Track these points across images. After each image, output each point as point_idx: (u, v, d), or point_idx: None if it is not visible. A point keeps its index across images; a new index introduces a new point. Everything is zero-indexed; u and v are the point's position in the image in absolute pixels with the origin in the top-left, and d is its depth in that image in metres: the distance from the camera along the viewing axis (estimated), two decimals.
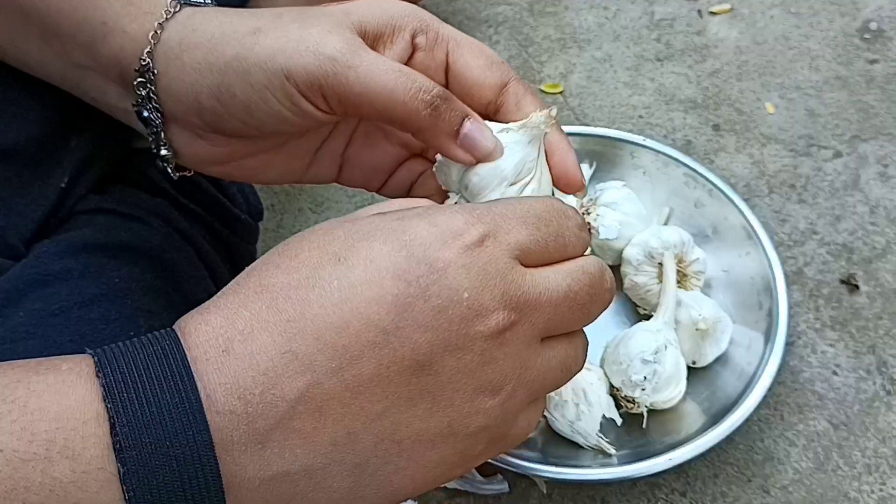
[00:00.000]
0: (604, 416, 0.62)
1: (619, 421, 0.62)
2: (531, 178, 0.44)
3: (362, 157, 0.52)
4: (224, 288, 0.37)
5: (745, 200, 0.71)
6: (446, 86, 0.47)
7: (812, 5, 0.91)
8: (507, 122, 0.45)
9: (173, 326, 0.35)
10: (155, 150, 0.49)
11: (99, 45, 0.47)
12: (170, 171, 0.50)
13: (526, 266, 0.38)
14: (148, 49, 0.46)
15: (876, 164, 0.79)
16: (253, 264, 0.38)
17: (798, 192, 0.77)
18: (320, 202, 0.80)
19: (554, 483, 0.63)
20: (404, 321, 0.34)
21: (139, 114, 0.48)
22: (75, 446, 0.31)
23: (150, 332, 0.54)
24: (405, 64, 0.47)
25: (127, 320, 0.54)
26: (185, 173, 0.52)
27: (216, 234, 0.66)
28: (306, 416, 0.34)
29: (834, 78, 0.85)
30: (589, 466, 0.60)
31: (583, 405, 0.61)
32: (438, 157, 0.47)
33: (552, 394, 0.61)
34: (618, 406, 0.63)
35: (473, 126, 0.44)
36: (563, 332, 0.40)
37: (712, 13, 0.91)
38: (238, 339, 0.34)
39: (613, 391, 0.63)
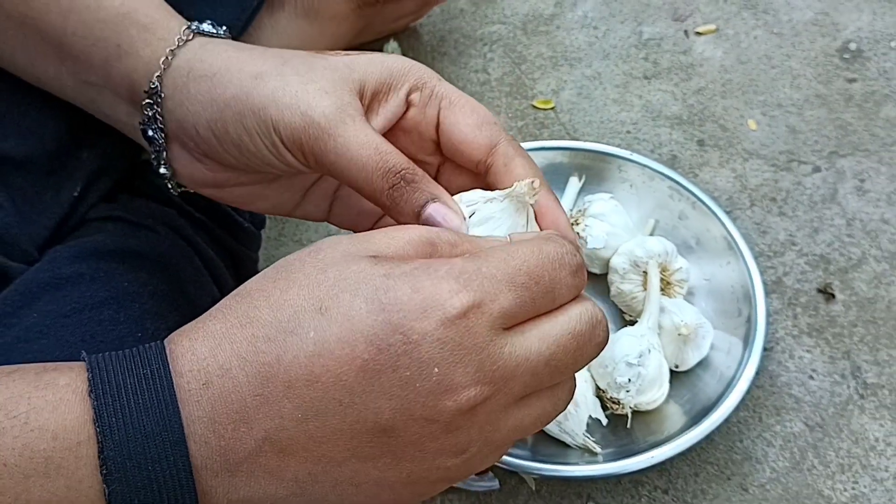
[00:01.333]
0: (590, 417, 0.65)
1: (604, 421, 0.65)
2: None
3: (352, 199, 0.54)
4: (217, 306, 0.39)
5: (728, 213, 0.74)
6: (437, 143, 0.48)
7: (794, 26, 0.94)
8: (497, 186, 0.46)
9: (165, 343, 0.37)
10: (156, 167, 0.52)
11: (112, 66, 0.50)
12: (170, 186, 0.53)
13: (511, 327, 0.38)
14: (158, 73, 0.49)
15: (853, 178, 0.82)
16: (248, 285, 0.39)
17: (778, 205, 0.81)
18: None
19: (543, 479, 0.66)
20: (371, 387, 0.35)
21: (144, 132, 0.50)
22: (69, 465, 0.34)
23: (157, 334, 0.57)
24: (399, 120, 0.48)
25: (135, 322, 0.56)
26: (185, 190, 0.55)
27: (220, 241, 0.69)
28: (271, 454, 0.36)
29: (814, 96, 0.88)
30: (576, 464, 0.63)
31: (570, 406, 0.64)
32: None
33: None
34: (604, 407, 0.66)
35: (435, 209, 0.43)
36: (543, 389, 0.40)
37: (698, 33, 0.95)
38: (217, 375, 0.36)
39: (599, 393, 0.66)
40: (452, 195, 0.45)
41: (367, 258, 0.38)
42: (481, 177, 0.47)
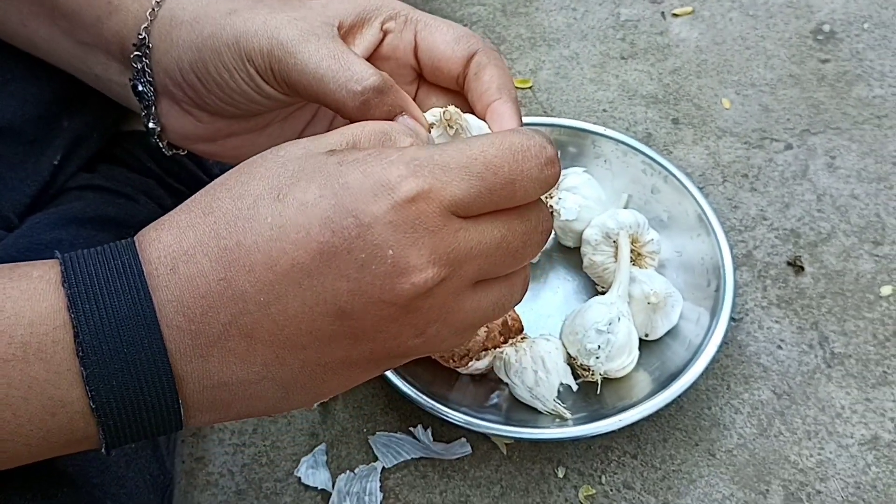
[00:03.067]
0: (561, 383, 0.66)
1: (575, 388, 0.67)
2: None
3: None
4: (185, 202, 0.40)
5: (700, 188, 0.75)
6: (417, 65, 0.49)
7: (769, 8, 0.96)
8: (469, 97, 0.46)
9: (135, 238, 0.39)
10: (146, 124, 0.53)
11: (104, 23, 0.51)
12: (161, 146, 0.54)
13: (465, 217, 0.38)
14: (145, 25, 0.50)
15: (824, 155, 0.84)
16: (213, 182, 0.40)
17: (750, 181, 0.82)
18: None
19: (514, 443, 0.67)
20: (328, 269, 0.36)
21: (134, 88, 0.51)
22: (47, 350, 0.36)
23: None
24: (375, 49, 0.49)
25: None
26: (177, 151, 0.56)
27: None
28: (238, 338, 0.37)
29: (787, 76, 0.90)
30: (546, 427, 0.64)
31: (541, 372, 0.66)
32: None
33: (512, 360, 0.65)
34: (575, 375, 0.67)
35: (406, 122, 0.44)
36: (497, 276, 0.41)
37: (675, 15, 0.96)
38: (182, 260, 0.37)
39: (570, 360, 0.67)
40: None
41: (326, 153, 0.39)
42: (460, 95, 0.48)
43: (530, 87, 0.91)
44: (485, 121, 0.46)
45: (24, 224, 0.60)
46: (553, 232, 0.75)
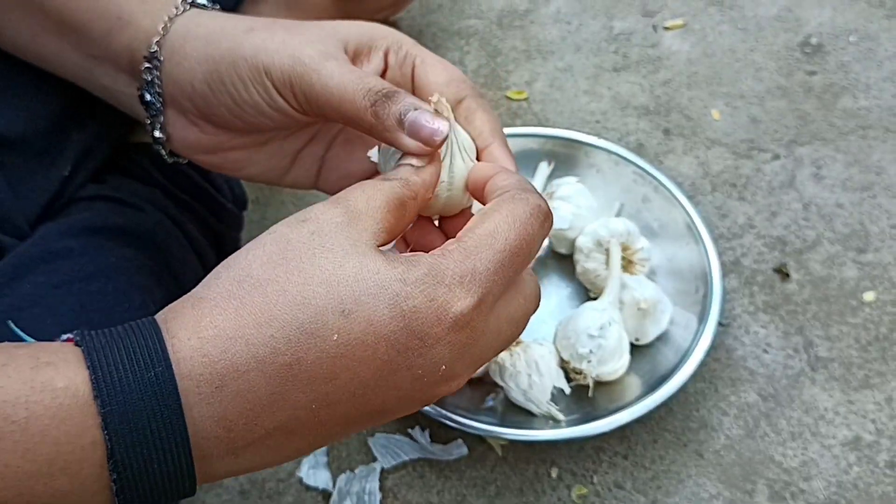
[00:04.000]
0: (554, 387, 0.68)
1: (567, 391, 0.69)
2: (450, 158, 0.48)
3: (340, 163, 0.57)
4: (220, 291, 0.38)
5: (690, 197, 0.78)
6: None
7: (758, 21, 0.98)
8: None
9: (165, 335, 0.37)
10: (151, 132, 0.55)
11: (114, 37, 0.54)
12: (164, 153, 0.56)
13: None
14: (157, 39, 0.52)
15: (811, 165, 0.86)
16: (252, 269, 0.39)
17: (739, 190, 0.85)
18: (301, 196, 0.86)
19: (509, 445, 0.69)
20: (385, 382, 0.39)
21: (142, 97, 0.54)
22: (73, 466, 0.35)
23: (143, 306, 0.60)
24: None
25: (122, 294, 0.60)
26: (178, 160, 0.58)
27: (204, 220, 0.72)
28: (279, 436, 0.39)
29: (775, 88, 0.92)
30: (540, 429, 0.66)
31: (535, 376, 0.68)
32: (381, 145, 0.50)
33: (507, 364, 0.67)
34: (568, 378, 0.70)
35: (418, 114, 0.46)
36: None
37: (666, 28, 0.99)
38: (231, 377, 0.36)
39: (563, 364, 0.70)
40: None
41: (374, 251, 0.40)
42: None
43: (525, 99, 0.93)
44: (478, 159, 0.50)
45: (36, 233, 0.61)
46: (547, 240, 0.78)
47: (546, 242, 0.79)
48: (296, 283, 0.38)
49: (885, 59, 0.94)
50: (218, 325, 0.37)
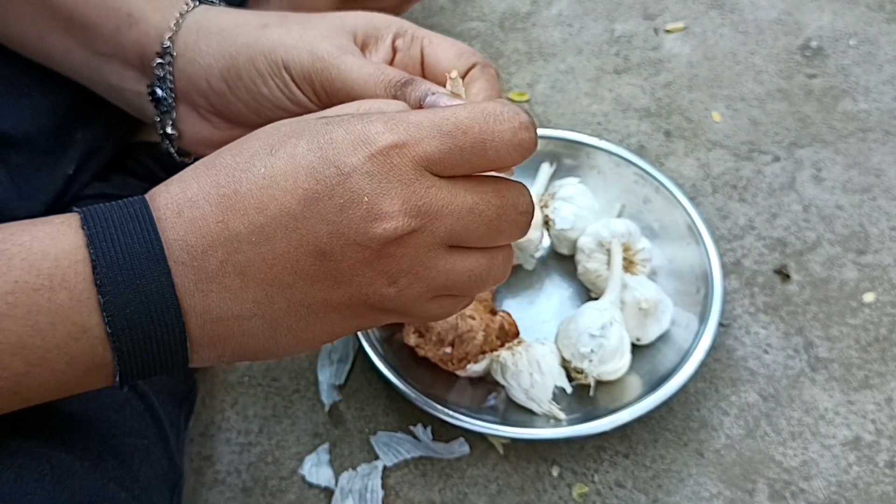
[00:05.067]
0: (556, 386, 0.69)
1: (569, 389, 0.69)
2: None
3: None
4: (193, 166, 0.44)
5: (691, 199, 0.78)
6: (423, 75, 0.54)
7: (759, 24, 0.99)
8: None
9: (144, 195, 0.43)
10: (161, 130, 0.56)
11: (123, 34, 0.54)
12: (172, 151, 0.57)
13: (439, 175, 0.42)
14: (170, 35, 0.53)
15: (811, 167, 0.87)
16: (222, 147, 0.45)
17: (739, 191, 0.85)
18: None
19: (510, 443, 0.70)
20: (311, 213, 0.41)
21: (153, 94, 0.54)
22: (70, 280, 0.40)
23: None
24: (389, 64, 0.54)
25: None
26: (185, 158, 0.59)
27: None
28: (233, 275, 0.41)
29: (776, 90, 0.93)
30: (541, 428, 0.67)
31: (536, 375, 0.68)
32: None
33: (509, 363, 0.68)
34: (569, 377, 0.70)
35: (437, 96, 0.48)
36: (473, 245, 0.44)
37: (667, 31, 0.99)
38: (187, 206, 0.41)
39: (564, 363, 0.70)
40: None
41: (317, 118, 0.43)
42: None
43: (527, 101, 0.94)
44: None
45: None
46: (549, 240, 0.78)
47: (547, 243, 0.79)
48: (241, 142, 0.44)
49: (885, 62, 0.95)
50: (181, 177, 0.43)
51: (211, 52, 0.52)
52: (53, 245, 0.40)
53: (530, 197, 0.46)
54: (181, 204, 0.41)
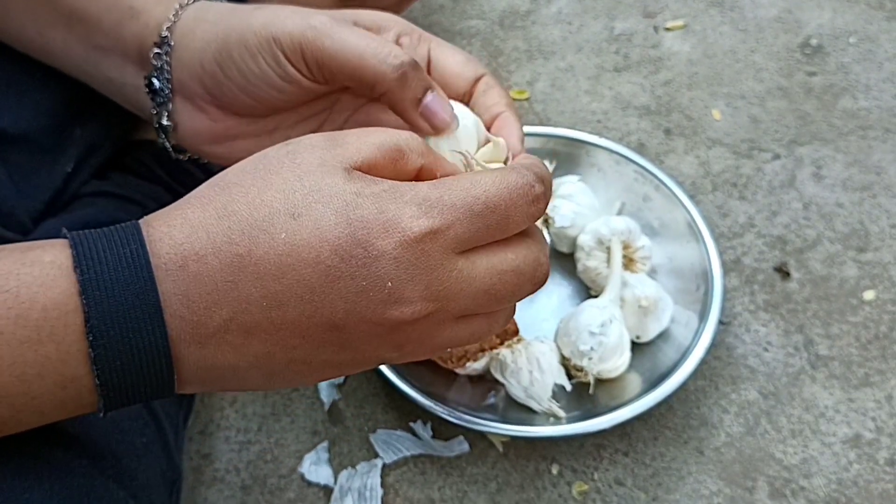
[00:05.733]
0: (555, 384, 0.69)
1: (568, 387, 0.69)
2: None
3: None
4: (194, 193, 0.42)
5: (691, 197, 0.78)
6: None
7: (759, 23, 0.99)
8: (475, 110, 0.51)
9: (142, 224, 0.40)
10: (157, 123, 0.55)
11: (125, 27, 0.54)
12: (168, 146, 0.56)
13: (462, 252, 0.42)
14: (168, 25, 0.53)
15: (811, 165, 0.86)
16: (226, 176, 0.42)
17: (739, 189, 0.85)
18: None
19: (510, 441, 0.70)
20: (330, 289, 0.40)
21: (150, 85, 0.54)
22: (59, 332, 0.38)
23: None
24: None
25: None
26: (182, 155, 0.58)
27: None
28: (237, 333, 0.40)
29: (776, 88, 0.93)
30: (541, 426, 0.67)
31: (536, 373, 0.68)
32: None
33: (508, 361, 0.68)
34: (568, 375, 0.70)
35: (435, 98, 0.48)
36: (481, 314, 0.44)
37: (667, 29, 0.99)
38: (193, 259, 0.39)
39: (564, 361, 0.70)
40: None
41: (342, 171, 0.41)
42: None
43: (527, 99, 0.93)
44: (488, 129, 0.51)
45: (39, 229, 0.62)
46: (549, 238, 0.78)
47: (547, 240, 0.79)
48: (258, 187, 0.40)
49: (885, 60, 0.95)
50: (186, 217, 0.40)
51: (205, 36, 0.52)
52: (42, 293, 0.38)
53: (547, 263, 0.45)
54: (186, 256, 0.39)
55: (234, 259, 0.39)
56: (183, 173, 0.71)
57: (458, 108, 0.50)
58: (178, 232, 0.40)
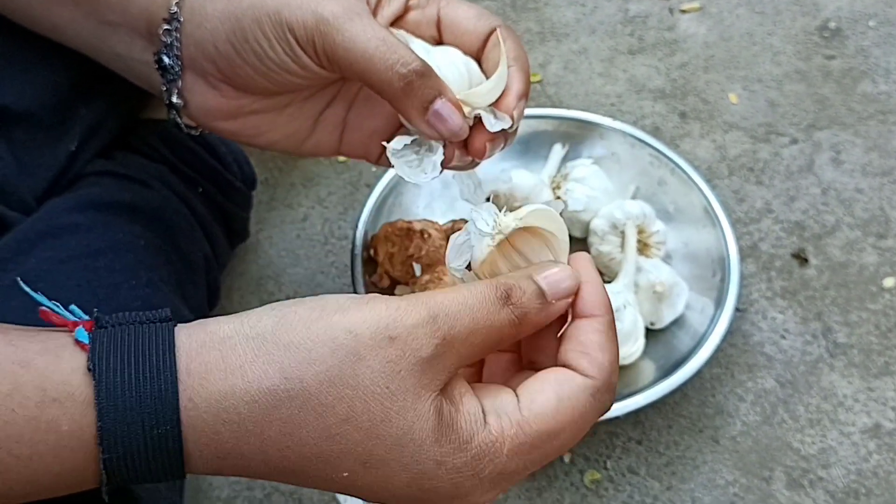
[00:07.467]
0: None
1: None
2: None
3: (363, 121, 0.55)
4: (260, 374, 0.36)
5: (707, 181, 0.76)
6: (439, 37, 0.51)
7: (776, 5, 0.97)
8: (484, 63, 0.49)
9: (180, 395, 0.36)
10: (168, 100, 0.54)
11: (133, 1, 0.53)
12: (180, 121, 0.55)
13: None
14: (177, 1, 0.51)
15: (829, 150, 0.85)
16: (310, 365, 0.36)
17: (756, 174, 0.83)
18: (311, 177, 0.85)
19: None
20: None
21: (160, 62, 0.52)
22: (74, 489, 0.37)
23: (150, 283, 0.59)
24: (398, 19, 0.51)
25: (129, 271, 0.59)
26: (193, 130, 0.57)
27: (212, 199, 0.71)
28: (260, 470, 0.38)
29: (794, 72, 0.91)
30: None
31: None
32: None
33: None
34: None
35: (443, 104, 0.46)
36: None
37: (683, 11, 0.97)
38: (235, 457, 0.36)
39: None
40: None
41: (432, 417, 0.37)
42: (479, 62, 0.50)
43: (539, 81, 0.92)
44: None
45: (42, 208, 0.61)
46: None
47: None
48: (337, 414, 0.36)
49: None
50: (241, 415, 0.36)
51: (217, 14, 0.50)
52: (58, 464, 0.36)
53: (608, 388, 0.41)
54: (228, 453, 0.36)
55: (284, 470, 0.37)
56: (189, 153, 0.70)
57: (448, 50, 0.49)
58: (225, 429, 0.36)
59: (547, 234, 0.41)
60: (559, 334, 0.40)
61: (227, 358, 0.36)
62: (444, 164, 0.48)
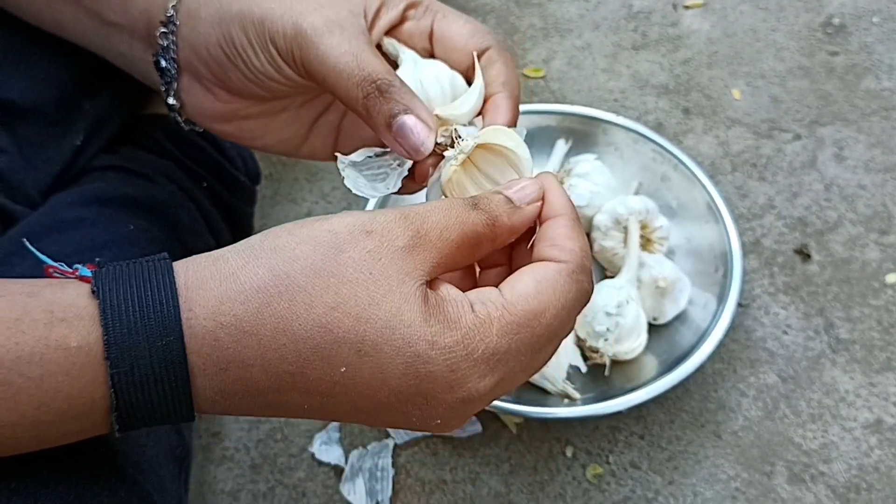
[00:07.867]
0: (570, 365, 0.67)
1: (584, 369, 0.68)
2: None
3: (356, 130, 0.55)
4: (252, 280, 0.38)
5: (710, 177, 0.76)
6: (431, 50, 0.51)
7: (779, 1, 0.97)
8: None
9: (181, 305, 0.37)
10: (165, 99, 0.54)
11: (132, 2, 0.53)
12: (180, 120, 0.55)
13: None
14: (174, 3, 0.51)
15: (832, 146, 0.85)
16: (293, 271, 0.38)
17: (759, 170, 0.83)
18: (314, 172, 0.85)
19: (524, 422, 0.68)
20: (379, 415, 0.40)
21: (157, 64, 0.53)
22: (83, 415, 0.38)
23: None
24: (394, 28, 0.51)
25: None
26: (194, 127, 0.57)
27: (216, 193, 0.71)
28: (271, 410, 0.40)
29: (797, 68, 0.91)
30: (555, 407, 0.65)
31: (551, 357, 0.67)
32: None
33: None
34: (584, 357, 0.69)
35: (406, 120, 0.45)
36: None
37: (686, 7, 0.97)
38: (237, 366, 0.38)
39: (579, 342, 0.69)
40: None
41: (421, 296, 0.38)
42: (469, 80, 0.50)
43: (543, 77, 0.92)
44: (482, 110, 0.49)
45: (48, 203, 0.61)
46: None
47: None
48: (326, 303, 0.38)
49: None
50: (237, 316, 0.37)
51: (209, 19, 0.50)
52: (68, 382, 0.37)
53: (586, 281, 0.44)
54: (230, 361, 0.37)
55: (283, 375, 0.38)
56: (193, 148, 0.70)
57: (436, 64, 0.49)
58: (224, 334, 0.37)
59: (509, 154, 0.44)
60: (530, 244, 0.43)
61: (220, 269, 0.38)
62: (419, 182, 0.48)
